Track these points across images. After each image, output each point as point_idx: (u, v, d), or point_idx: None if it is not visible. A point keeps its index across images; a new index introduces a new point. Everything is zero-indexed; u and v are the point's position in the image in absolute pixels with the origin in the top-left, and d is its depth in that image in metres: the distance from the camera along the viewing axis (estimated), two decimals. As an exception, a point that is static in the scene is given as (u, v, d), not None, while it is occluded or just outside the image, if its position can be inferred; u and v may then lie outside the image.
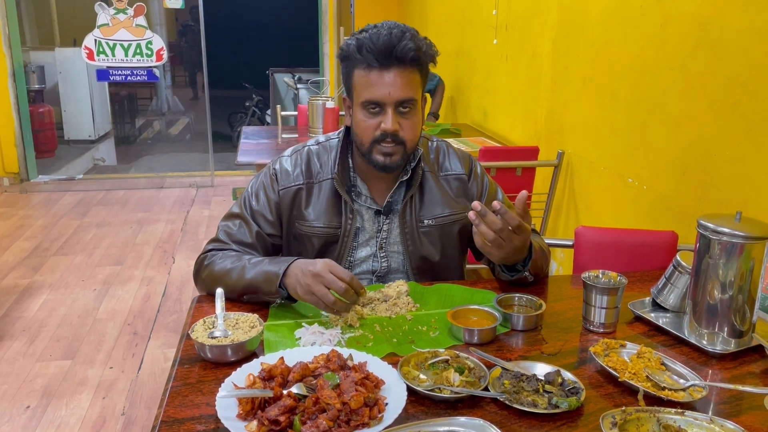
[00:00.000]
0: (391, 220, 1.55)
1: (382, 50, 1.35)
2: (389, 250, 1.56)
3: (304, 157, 1.56)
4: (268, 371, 1.05)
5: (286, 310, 1.38)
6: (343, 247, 1.53)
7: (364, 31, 1.40)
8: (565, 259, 2.99)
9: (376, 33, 1.37)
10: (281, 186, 1.53)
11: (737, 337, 1.24)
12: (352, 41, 1.40)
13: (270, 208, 1.53)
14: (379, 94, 1.38)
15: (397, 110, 1.40)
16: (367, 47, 1.36)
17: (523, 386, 1.06)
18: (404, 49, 1.35)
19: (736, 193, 1.82)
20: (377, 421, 0.96)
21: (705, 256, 1.24)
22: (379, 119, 1.41)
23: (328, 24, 6.74)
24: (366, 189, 1.54)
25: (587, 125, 2.75)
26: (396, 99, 1.38)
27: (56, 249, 4.32)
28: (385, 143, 1.42)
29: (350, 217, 1.52)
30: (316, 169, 1.54)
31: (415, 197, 1.54)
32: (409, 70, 1.38)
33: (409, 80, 1.39)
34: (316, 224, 1.52)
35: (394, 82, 1.37)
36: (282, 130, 3.98)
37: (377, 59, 1.36)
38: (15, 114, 5.96)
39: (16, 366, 2.84)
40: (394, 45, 1.35)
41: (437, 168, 1.59)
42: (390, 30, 1.36)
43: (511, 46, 3.64)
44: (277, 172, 1.55)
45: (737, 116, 1.81)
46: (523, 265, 1.46)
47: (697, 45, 1.97)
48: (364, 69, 1.39)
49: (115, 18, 5.64)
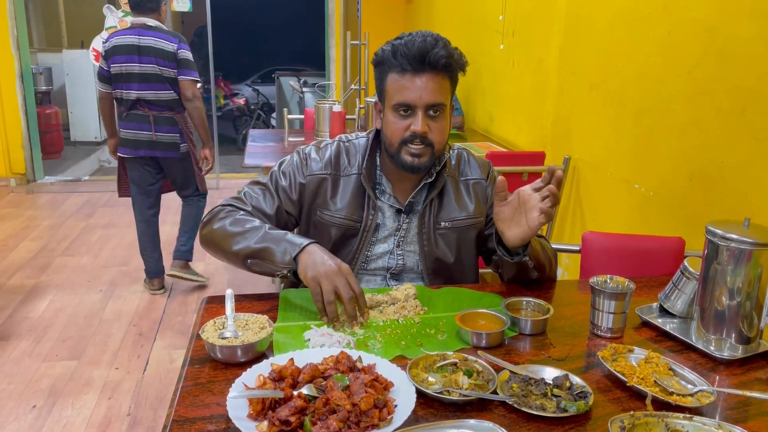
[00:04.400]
0: (411, 219, 1.59)
1: (416, 55, 1.41)
2: (406, 249, 1.60)
3: (335, 150, 1.61)
4: (279, 372, 1.06)
5: (295, 312, 1.39)
6: (362, 240, 1.57)
7: (400, 39, 1.46)
8: (571, 264, 2.99)
9: (411, 39, 1.43)
10: (310, 171, 1.58)
11: (745, 344, 1.25)
12: (388, 47, 1.47)
13: (295, 189, 1.58)
14: (411, 97, 1.44)
15: (426, 114, 1.45)
16: (401, 52, 1.43)
17: (532, 390, 1.07)
18: (437, 55, 1.41)
19: (743, 200, 1.83)
20: (387, 423, 0.97)
21: (713, 262, 1.24)
22: (409, 121, 1.46)
23: (335, 28, 6.76)
24: (390, 188, 1.59)
25: (594, 131, 2.75)
26: (426, 102, 1.44)
27: (62, 250, 4.34)
28: (413, 144, 1.46)
29: (372, 213, 1.56)
30: (344, 164, 1.59)
31: (435, 200, 1.59)
32: (440, 77, 1.44)
33: (440, 86, 1.45)
34: (338, 215, 1.56)
35: (426, 86, 1.43)
36: (288, 133, 4.00)
37: (411, 63, 1.42)
38: (22, 115, 5.99)
39: (22, 366, 2.85)
40: (428, 51, 1.41)
41: (458, 173, 1.64)
42: (424, 37, 1.43)
43: (517, 51, 3.65)
44: (308, 157, 1.60)
45: (744, 123, 1.81)
46: (524, 249, 1.48)
47: (704, 52, 1.98)
48: (397, 73, 1.45)
49: (123, 20, 5.67)
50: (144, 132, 3.42)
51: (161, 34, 3.37)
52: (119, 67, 3.35)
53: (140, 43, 3.33)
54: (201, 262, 4.09)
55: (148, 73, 3.35)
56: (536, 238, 1.52)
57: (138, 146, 3.45)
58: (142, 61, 3.34)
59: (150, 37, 3.34)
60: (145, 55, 3.34)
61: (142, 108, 3.41)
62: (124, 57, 3.34)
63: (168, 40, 3.36)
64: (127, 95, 3.39)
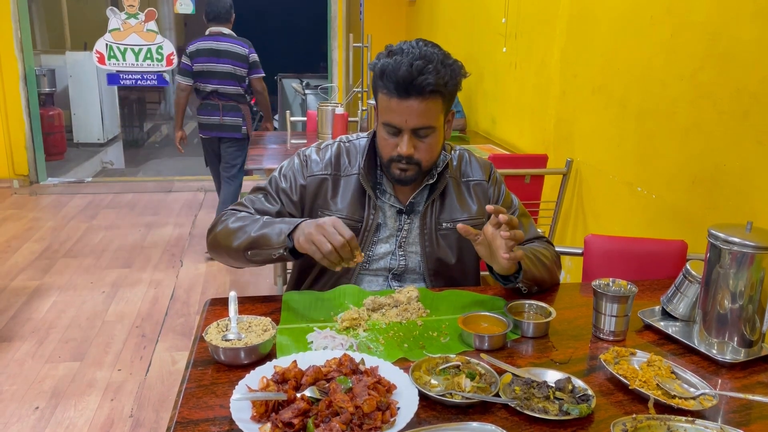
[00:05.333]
0: (412, 220, 1.59)
1: (401, 82, 1.38)
2: (408, 249, 1.60)
3: (335, 150, 1.61)
4: (282, 374, 1.06)
5: (298, 315, 1.40)
6: (364, 240, 1.57)
7: (393, 54, 1.41)
8: (573, 267, 2.99)
9: (398, 62, 1.38)
10: (310, 173, 1.59)
11: (747, 347, 1.25)
12: (378, 63, 1.43)
13: (296, 190, 1.59)
14: (396, 120, 1.43)
15: (414, 134, 1.44)
16: (388, 75, 1.40)
17: (534, 393, 1.07)
18: (423, 82, 1.37)
19: (746, 203, 1.83)
20: (390, 425, 0.97)
21: (715, 265, 1.24)
22: (396, 141, 1.46)
23: (337, 30, 6.77)
24: (391, 188, 1.59)
25: (596, 134, 2.76)
26: (412, 127, 1.43)
27: (65, 251, 4.35)
28: (400, 163, 1.47)
29: (372, 212, 1.56)
30: (344, 164, 1.60)
31: (437, 201, 1.59)
32: (428, 100, 1.40)
33: (428, 109, 1.41)
34: (339, 215, 1.56)
35: (411, 111, 1.41)
36: (291, 135, 4.01)
37: (396, 90, 1.40)
38: (26, 117, 6.01)
39: (25, 367, 2.86)
40: (413, 78, 1.37)
41: (459, 175, 1.64)
42: (412, 63, 1.37)
43: (520, 54, 3.65)
44: (309, 158, 1.61)
45: (747, 126, 1.81)
46: (515, 276, 1.46)
47: (707, 55, 1.98)
48: (385, 94, 1.43)
49: (127, 23, 5.69)
50: (214, 117, 4.33)
51: (234, 40, 4.28)
52: (201, 65, 4.23)
53: (218, 47, 4.22)
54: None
55: (224, 72, 4.25)
56: (530, 257, 1.49)
57: (210, 128, 4.37)
58: (219, 61, 4.22)
59: (226, 43, 4.24)
60: (223, 57, 4.22)
61: (213, 99, 4.30)
62: (206, 58, 4.22)
63: (241, 45, 4.27)
64: (204, 87, 4.29)
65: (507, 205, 1.66)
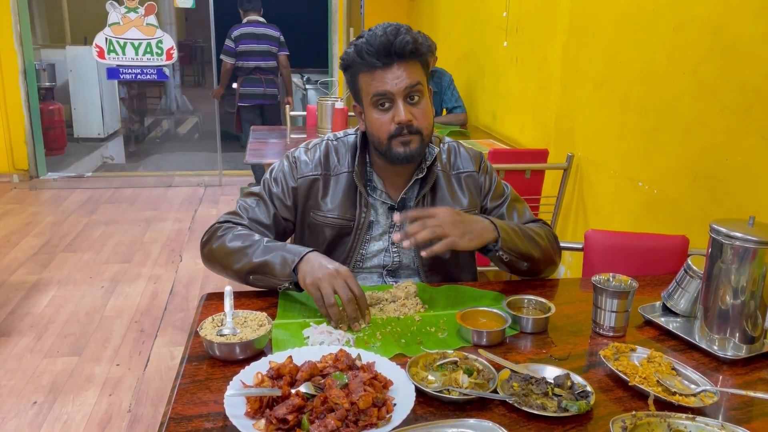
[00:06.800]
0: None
1: (381, 49, 1.40)
2: (401, 245, 1.57)
3: (323, 149, 1.59)
4: (277, 370, 1.05)
5: (294, 309, 1.38)
6: (356, 239, 1.56)
7: (361, 37, 1.45)
8: (573, 262, 2.97)
9: (371, 35, 1.42)
10: (300, 174, 1.57)
11: (749, 343, 1.23)
12: (351, 49, 1.45)
13: (288, 194, 1.56)
14: (387, 86, 1.42)
15: (406, 101, 1.43)
16: (366, 50, 1.41)
17: (532, 389, 1.05)
18: (402, 42, 1.40)
19: (748, 199, 1.81)
20: (385, 422, 0.96)
21: (717, 260, 1.23)
22: (392, 113, 1.43)
23: (338, 25, 6.75)
24: (381, 184, 1.57)
25: (597, 128, 2.74)
26: (403, 87, 1.41)
27: (65, 246, 4.34)
28: (402, 136, 1.44)
29: (364, 210, 1.55)
30: (333, 163, 1.57)
31: (428, 195, 1.57)
32: (410, 62, 1.43)
33: (413, 69, 1.43)
34: (330, 215, 1.55)
35: (398, 74, 1.41)
36: (291, 130, 3.99)
37: (378, 59, 1.40)
38: (25, 111, 5.99)
39: (23, 362, 2.85)
40: (391, 42, 1.40)
41: (449, 167, 1.62)
42: (384, 29, 1.42)
43: (521, 48, 3.63)
44: (297, 160, 1.59)
45: (749, 121, 1.79)
46: (494, 245, 1.44)
47: (709, 50, 1.96)
48: (367, 72, 1.43)
49: (126, 17, 5.66)
50: (258, 89, 5.53)
51: (267, 25, 5.49)
52: (245, 47, 5.38)
53: (257, 32, 5.42)
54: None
55: (264, 51, 5.47)
56: (513, 228, 1.48)
57: (254, 98, 5.56)
58: (259, 42, 5.43)
59: (262, 27, 5.45)
60: (262, 39, 5.44)
61: (255, 74, 5.48)
62: (248, 41, 5.39)
63: (273, 30, 5.49)
64: (247, 65, 5.45)
65: (499, 193, 1.64)
